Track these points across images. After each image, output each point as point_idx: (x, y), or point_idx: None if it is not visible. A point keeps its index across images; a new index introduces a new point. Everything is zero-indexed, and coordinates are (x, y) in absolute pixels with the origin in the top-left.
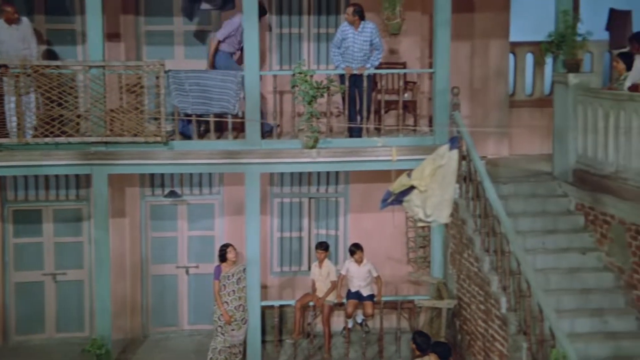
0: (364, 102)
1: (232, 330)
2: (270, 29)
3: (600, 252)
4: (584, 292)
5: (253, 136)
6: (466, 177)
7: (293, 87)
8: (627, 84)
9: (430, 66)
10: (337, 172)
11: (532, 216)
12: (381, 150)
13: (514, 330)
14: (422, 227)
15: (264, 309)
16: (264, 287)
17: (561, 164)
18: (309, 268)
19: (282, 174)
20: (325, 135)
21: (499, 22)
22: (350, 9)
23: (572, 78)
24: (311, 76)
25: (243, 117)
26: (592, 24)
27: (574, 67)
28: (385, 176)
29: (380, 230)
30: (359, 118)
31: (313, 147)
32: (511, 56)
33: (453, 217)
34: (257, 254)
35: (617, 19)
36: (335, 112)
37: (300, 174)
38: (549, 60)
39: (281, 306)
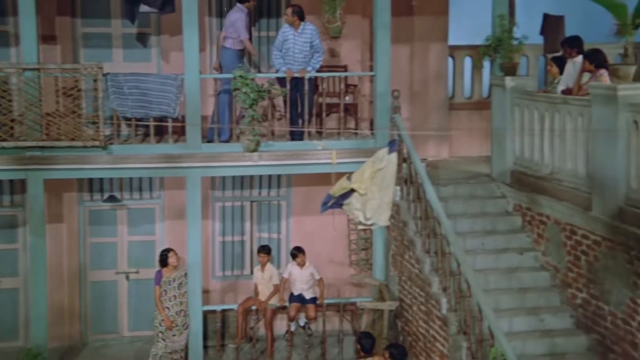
0: (305, 105)
1: (174, 335)
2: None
3: (537, 251)
4: (522, 291)
5: (194, 140)
6: (407, 180)
7: (234, 90)
8: (560, 87)
9: (371, 69)
10: (279, 175)
11: (472, 217)
12: (322, 154)
13: (454, 331)
14: (364, 230)
15: (205, 314)
16: (205, 291)
17: (499, 165)
18: (252, 272)
19: (223, 178)
20: (267, 138)
21: (437, 25)
22: (290, 10)
23: (509, 81)
24: (252, 79)
25: (184, 121)
26: (528, 29)
27: (510, 70)
28: (327, 179)
29: (323, 233)
30: (300, 121)
31: (255, 150)
32: (450, 59)
33: (394, 219)
34: (199, 259)
35: (550, 24)
36: (277, 115)
37: (242, 177)
38: (486, 63)
39: (223, 311)
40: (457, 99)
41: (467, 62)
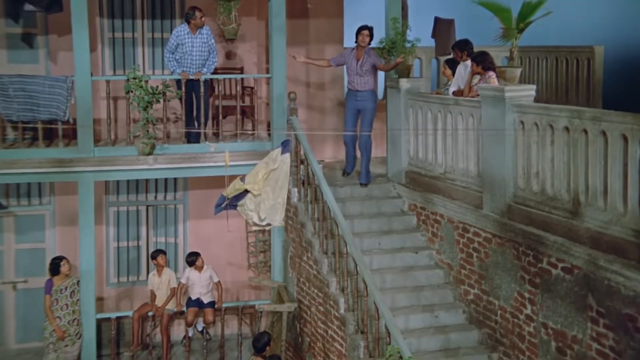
0: (201, 107)
1: (66, 346)
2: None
3: (432, 250)
4: (417, 289)
5: (85, 143)
6: (304, 181)
7: (127, 92)
8: (452, 89)
9: (267, 71)
10: (175, 179)
11: (369, 218)
12: (219, 156)
13: (352, 330)
14: (262, 232)
15: (99, 322)
16: (99, 299)
17: (395, 166)
18: (147, 278)
19: (118, 182)
20: (162, 141)
21: (333, 28)
22: (200, 14)
23: (404, 83)
24: (146, 81)
25: (74, 124)
26: (420, 31)
27: (404, 72)
28: (224, 181)
29: (220, 237)
30: (196, 124)
31: (149, 153)
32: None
33: (292, 221)
34: (92, 265)
35: (441, 27)
36: (173, 118)
37: (137, 181)
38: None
39: (118, 318)
40: None
41: None
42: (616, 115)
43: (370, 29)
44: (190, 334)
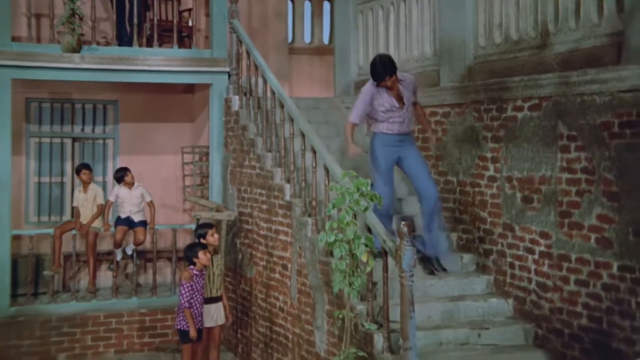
0: (134, 8)
1: None
2: None
3: None
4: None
5: (2, 35)
6: (247, 92)
7: None
8: None
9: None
10: (104, 111)
11: (316, 125)
12: (154, 60)
13: (299, 213)
14: (200, 158)
15: (16, 259)
16: (17, 238)
17: (343, 82)
18: (72, 216)
19: (40, 109)
20: (91, 43)
21: None
22: None
23: None
24: None
25: None
26: None
27: None
28: (161, 112)
29: (154, 176)
30: (128, 27)
31: (75, 50)
32: (290, 3)
33: (233, 130)
34: (8, 172)
35: None
36: (104, 17)
37: (62, 110)
38: (326, 8)
39: (37, 256)
40: (297, 43)
41: (307, 6)
42: None
43: (391, 67)
44: (118, 258)
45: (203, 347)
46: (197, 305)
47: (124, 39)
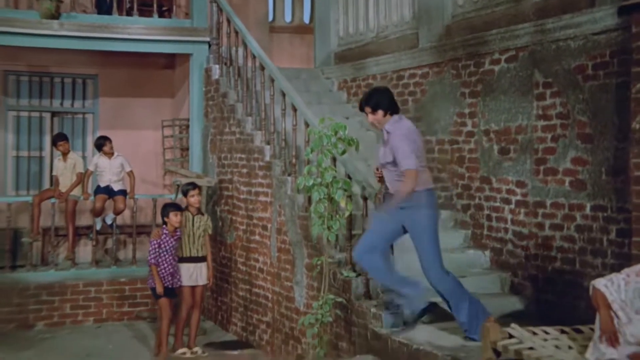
0: None
1: None
2: None
3: (361, 117)
4: None
5: None
6: (227, 62)
7: None
8: None
9: None
10: (84, 85)
11: (297, 93)
12: (135, 28)
13: (279, 172)
14: (180, 130)
15: None
16: None
17: (323, 53)
18: (52, 185)
19: (18, 82)
20: (70, 10)
21: None
22: None
23: None
24: None
25: None
26: None
27: None
28: (139, 90)
29: (134, 152)
30: None
31: (54, 17)
32: None
33: (214, 99)
34: None
35: None
36: None
37: (41, 83)
38: None
39: (15, 229)
40: (278, 22)
41: None
42: None
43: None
44: (98, 227)
45: (187, 306)
46: (165, 264)
47: (103, 9)
